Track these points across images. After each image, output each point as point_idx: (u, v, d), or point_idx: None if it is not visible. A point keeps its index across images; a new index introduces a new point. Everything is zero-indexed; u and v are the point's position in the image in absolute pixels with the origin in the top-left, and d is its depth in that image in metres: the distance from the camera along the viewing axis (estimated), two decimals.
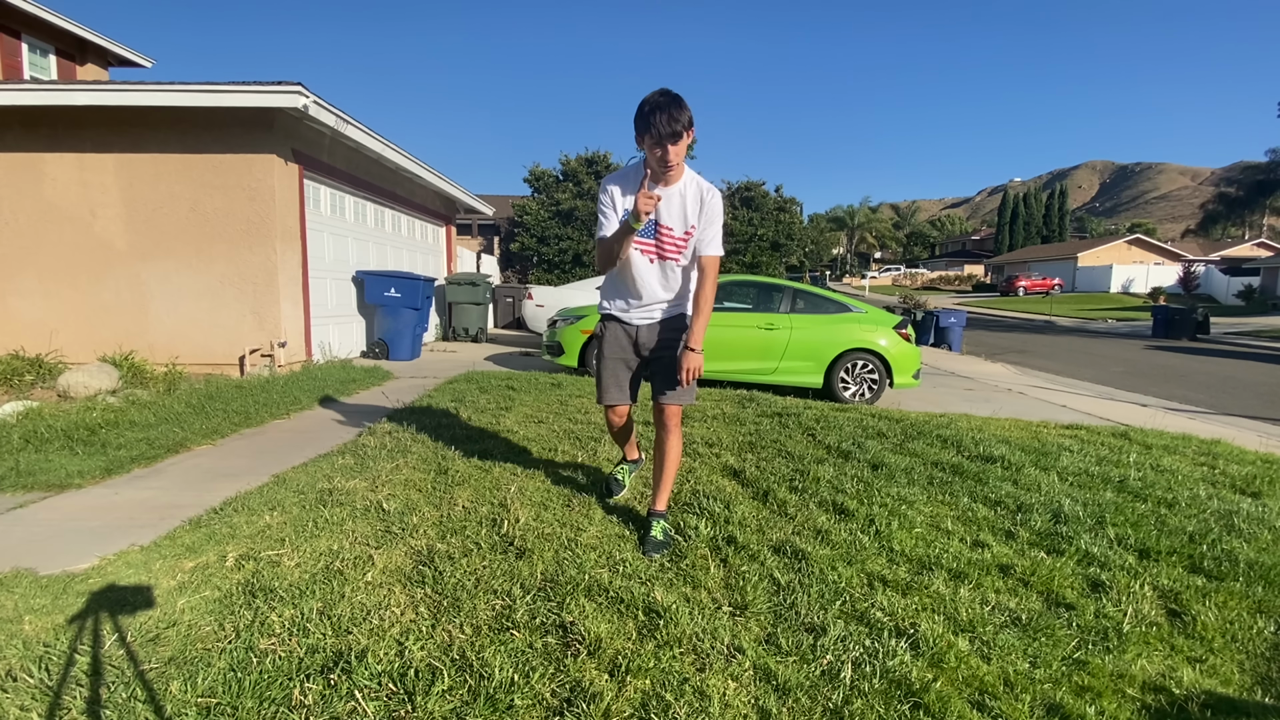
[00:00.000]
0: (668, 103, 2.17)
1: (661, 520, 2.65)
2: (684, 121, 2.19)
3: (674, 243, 2.43)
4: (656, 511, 2.68)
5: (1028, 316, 29.35)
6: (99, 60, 12.22)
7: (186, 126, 6.36)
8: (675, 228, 2.41)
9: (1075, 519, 2.98)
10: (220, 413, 4.69)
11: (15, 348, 6.39)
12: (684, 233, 2.42)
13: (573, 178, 21.04)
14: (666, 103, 2.17)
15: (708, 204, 2.40)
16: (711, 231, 2.42)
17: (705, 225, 2.42)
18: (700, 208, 2.40)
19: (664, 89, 2.22)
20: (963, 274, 62.76)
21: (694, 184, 2.40)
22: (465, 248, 14.97)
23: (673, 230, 2.41)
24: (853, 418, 4.99)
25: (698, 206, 2.40)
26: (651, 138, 2.20)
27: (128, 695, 1.62)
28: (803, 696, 1.70)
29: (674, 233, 2.41)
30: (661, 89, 2.22)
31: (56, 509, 2.99)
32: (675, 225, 2.41)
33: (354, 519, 2.73)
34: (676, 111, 2.17)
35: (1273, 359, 14.18)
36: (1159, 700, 1.78)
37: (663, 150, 2.21)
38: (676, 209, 2.39)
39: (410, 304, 8.19)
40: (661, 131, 2.17)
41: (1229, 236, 55.87)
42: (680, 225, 2.41)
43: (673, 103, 2.17)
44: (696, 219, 2.40)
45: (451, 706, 1.60)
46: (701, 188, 2.41)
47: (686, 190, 2.39)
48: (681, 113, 2.18)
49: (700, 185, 2.41)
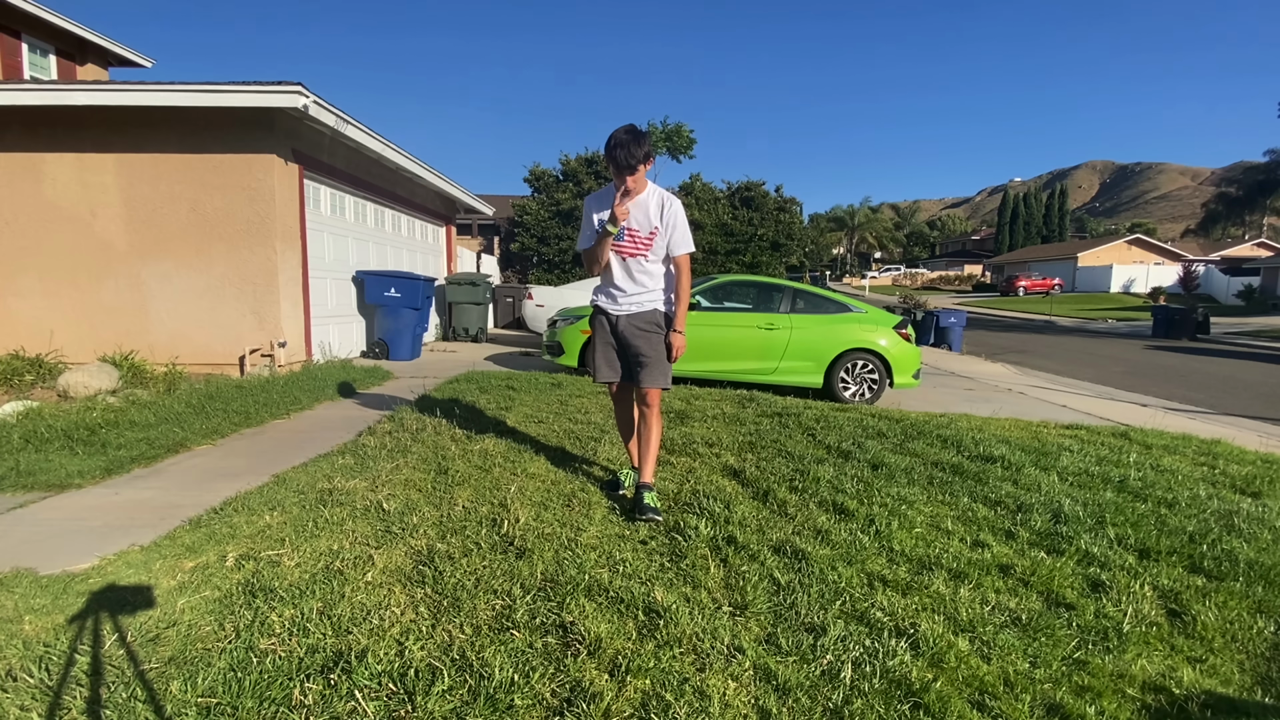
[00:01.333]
0: (629, 140, 2.69)
1: (649, 491, 2.92)
2: (639, 156, 2.71)
3: (641, 242, 2.90)
4: (644, 484, 2.95)
5: (1028, 316, 29.35)
6: (99, 60, 12.22)
7: (186, 126, 6.36)
8: (641, 229, 2.90)
9: (1075, 519, 2.98)
10: (220, 413, 4.69)
11: (15, 348, 6.39)
12: (649, 233, 2.90)
13: (573, 178, 21.06)
14: (628, 140, 2.69)
15: (668, 210, 2.88)
16: (678, 234, 2.91)
17: (671, 229, 2.89)
18: (661, 212, 2.88)
19: (629, 126, 2.74)
20: (963, 274, 62.75)
21: (656, 194, 2.91)
22: (465, 248, 14.98)
23: (638, 232, 2.90)
24: (853, 418, 4.99)
25: (659, 212, 2.88)
26: (614, 166, 2.75)
27: (128, 695, 1.62)
28: (803, 696, 1.70)
29: (640, 234, 2.90)
30: (627, 126, 2.74)
31: (57, 509, 2.99)
32: (641, 228, 2.89)
33: (354, 519, 2.73)
34: (634, 148, 2.69)
35: (1273, 359, 14.18)
36: (1159, 700, 1.78)
37: (622, 177, 2.76)
38: (641, 215, 2.88)
39: (410, 304, 8.19)
40: (620, 164, 2.71)
41: (1229, 236, 55.86)
42: (645, 227, 2.89)
43: (633, 140, 2.69)
44: (659, 221, 2.89)
45: (451, 706, 1.60)
46: (663, 196, 2.91)
47: (650, 200, 2.89)
48: (638, 148, 2.70)
49: (661, 195, 2.91)
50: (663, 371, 2.96)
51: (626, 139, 2.70)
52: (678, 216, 2.90)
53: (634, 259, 2.93)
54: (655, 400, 2.99)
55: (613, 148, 2.71)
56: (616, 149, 2.70)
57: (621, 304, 2.98)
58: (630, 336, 2.97)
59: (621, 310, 2.98)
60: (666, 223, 2.88)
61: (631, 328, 2.97)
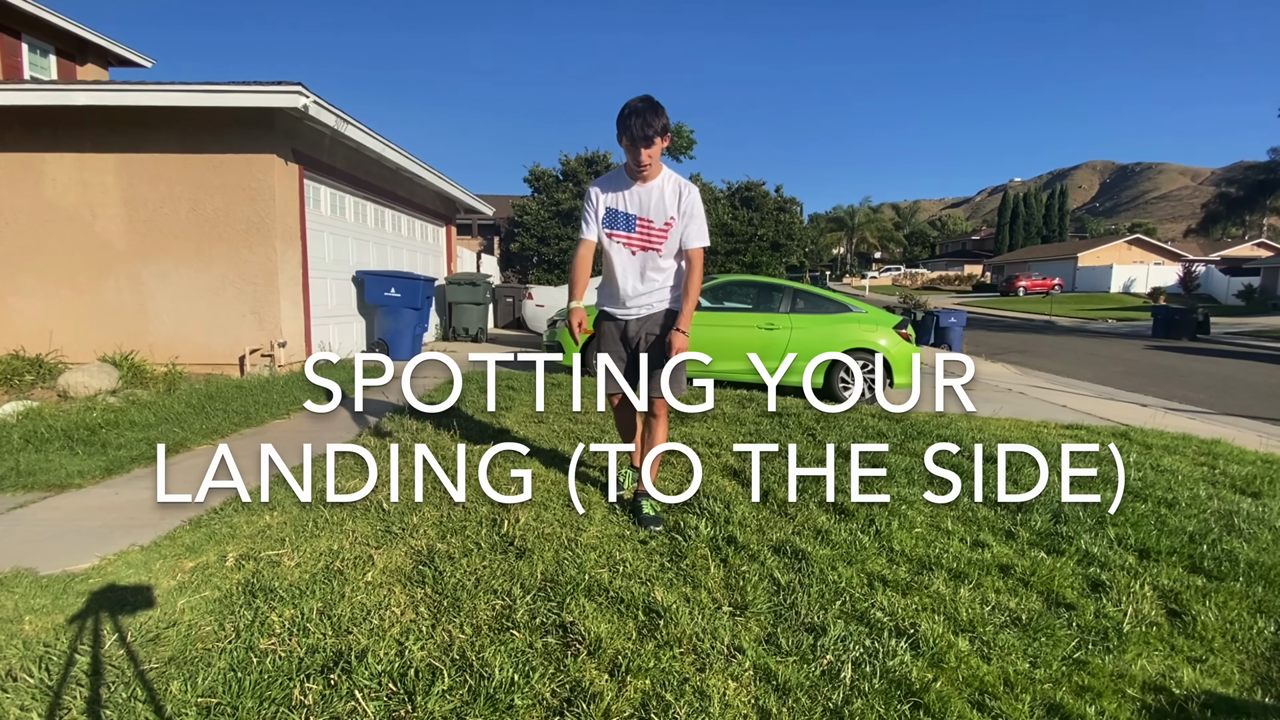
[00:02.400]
0: (645, 109, 2.42)
1: (648, 499, 2.81)
2: (657, 127, 2.43)
3: (656, 233, 2.62)
4: (642, 491, 2.83)
5: (1028, 316, 29.34)
6: (99, 60, 12.22)
7: (186, 126, 6.36)
8: (655, 220, 2.61)
9: (1075, 519, 2.98)
10: (220, 413, 4.69)
11: (15, 348, 6.39)
12: (664, 223, 2.61)
13: (573, 178, 21.06)
14: (644, 109, 2.42)
15: (685, 198, 2.60)
16: (695, 226, 2.62)
17: (687, 220, 2.62)
18: (679, 201, 2.60)
19: (646, 96, 2.46)
20: (963, 274, 62.73)
21: (672, 180, 2.61)
22: (465, 248, 14.98)
23: (653, 222, 2.61)
24: (853, 418, 4.99)
25: (676, 199, 2.60)
26: (628, 139, 2.46)
27: (128, 695, 1.62)
28: (803, 696, 1.70)
29: (654, 224, 2.61)
30: (643, 95, 2.46)
31: (57, 509, 2.99)
32: (655, 218, 2.61)
33: (354, 519, 2.74)
34: (651, 117, 2.41)
35: (1273, 359, 14.18)
36: (1159, 700, 1.78)
37: (637, 151, 2.46)
38: (655, 202, 2.60)
39: (410, 304, 8.19)
40: (635, 135, 2.43)
41: (1229, 236, 55.80)
42: (660, 217, 2.61)
43: (649, 109, 2.42)
44: (676, 211, 2.60)
45: (451, 706, 1.60)
46: (680, 183, 2.62)
47: (665, 186, 2.60)
48: (656, 119, 2.42)
49: (679, 181, 2.63)
50: (677, 379, 2.69)
51: (643, 107, 2.43)
52: (696, 205, 2.62)
53: (646, 254, 2.65)
54: (664, 409, 2.79)
55: (627, 116, 2.43)
56: (632, 117, 2.42)
57: (631, 307, 2.72)
58: (648, 342, 2.72)
59: (631, 314, 2.73)
60: (684, 211, 2.59)
61: (643, 332, 2.73)
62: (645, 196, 2.59)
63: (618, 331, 2.78)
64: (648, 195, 2.59)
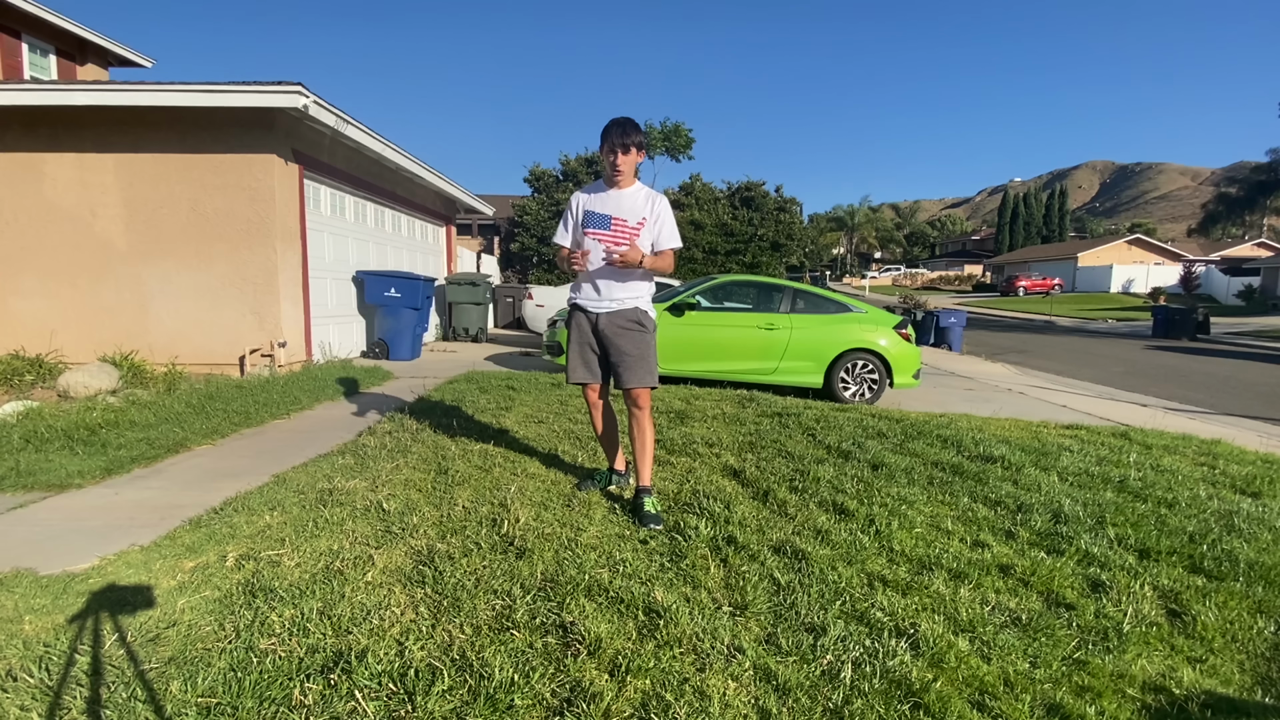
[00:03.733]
0: (624, 123, 2.84)
1: (649, 495, 2.91)
2: (633, 140, 2.83)
3: (629, 231, 2.90)
4: (643, 488, 2.94)
5: (1028, 316, 29.34)
6: (99, 60, 12.22)
7: (186, 126, 6.36)
8: (629, 219, 2.91)
9: (1075, 519, 2.98)
10: (220, 413, 4.69)
11: (15, 348, 6.39)
12: (637, 223, 2.91)
13: (573, 178, 21.06)
14: (624, 122, 2.84)
15: (655, 204, 2.94)
16: (666, 229, 2.95)
17: (659, 226, 2.94)
18: (651, 205, 2.93)
19: (625, 116, 2.88)
20: (963, 274, 62.73)
21: (644, 190, 2.98)
22: (465, 248, 14.97)
23: (626, 221, 2.90)
24: (853, 418, 4.99)
25: (649, 204, 2.93)
26: (608, 146, 2.83)
27: (128, 695, 1.62)
28: (803, 696, 1.70)
29: (627, 223, 2.90)
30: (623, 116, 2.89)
31: (57, 509, 2.99)
32: (629, 217, 2.91)
33: (354, 519, 2.74)
34: (630, 130, 2.83)
35: (1273, 359, 14.18)
36: (1159, 700, 1.78)
37: (614, 157, 2.82)
38: (629, 205, 2.91)
39: (410, 304, 8.19)
40: (615, 142, 2.81)
41: (1229, 236, 55.81)
42: (634, 217, 2.91)
43: (628, 124, 2.84)
44: (648, 212, 2.93)
45: (451, 706, 1.60)
46: (651, 193, 2.97)
47: (639, 193, 2.95)
48: (634, 132, 2.84)
49: (649, 191, 2.98)
50: (648, 369, 2.92)
51: (623, 121, 2.84)
52: (666, 210, 2.96)
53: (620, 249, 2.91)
54: (645, 401, 2.95)
55: (609, 128, 2.83)
56: (613, 128, 2.82)
57: (603, 301, 2.94)
58: (612, 335, 2.92)
59: (602, 308, 2.94)
60: (655, 214, 2.92)
61: (613, 325, 2.92)
62: (620, 200, 2.91)
63: (589, 323, 3.00)
64: (621, 199, 2.91)
